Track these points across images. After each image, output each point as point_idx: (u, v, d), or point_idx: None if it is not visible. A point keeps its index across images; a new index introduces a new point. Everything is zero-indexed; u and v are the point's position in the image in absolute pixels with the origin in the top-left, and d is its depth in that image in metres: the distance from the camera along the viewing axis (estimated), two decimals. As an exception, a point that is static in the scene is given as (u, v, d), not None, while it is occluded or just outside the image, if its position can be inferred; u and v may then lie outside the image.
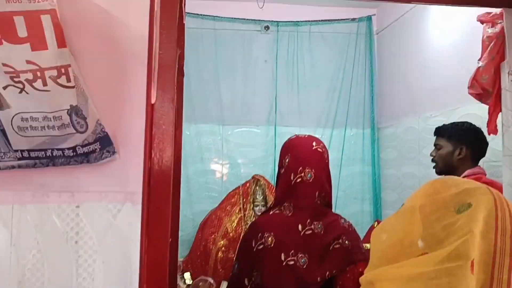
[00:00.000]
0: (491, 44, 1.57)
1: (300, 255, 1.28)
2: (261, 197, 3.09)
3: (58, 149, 1.01)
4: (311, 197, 1.35)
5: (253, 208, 3.05)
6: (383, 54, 3.77)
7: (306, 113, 3.71)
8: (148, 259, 0.57)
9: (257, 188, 3.10)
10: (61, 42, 0.96)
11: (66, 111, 0.99)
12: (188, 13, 3.48)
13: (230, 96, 3.65)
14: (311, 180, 1.36)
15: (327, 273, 1.26)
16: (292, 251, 1.28)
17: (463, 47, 2.62)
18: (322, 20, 3.77)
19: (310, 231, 1.31)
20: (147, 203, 0.60)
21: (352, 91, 3.73)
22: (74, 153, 1.02)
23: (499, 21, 1.58)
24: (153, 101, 0.60)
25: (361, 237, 3.00)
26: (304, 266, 1.27)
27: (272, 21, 3.73)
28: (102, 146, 1.04)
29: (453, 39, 2.74)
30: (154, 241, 0.57)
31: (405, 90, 3.32)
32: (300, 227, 1.32)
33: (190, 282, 2.76)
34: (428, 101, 2.97)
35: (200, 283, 2.69)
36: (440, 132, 2.14)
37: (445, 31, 2.83)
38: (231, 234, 2.97)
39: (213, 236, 2.98)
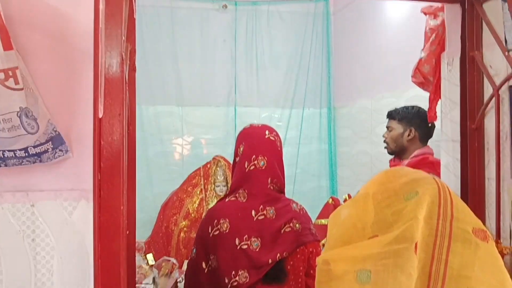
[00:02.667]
0: (433, 35, 1.67)
1: (253, 239, 1.36)
2: (222, 178, 3.15)
3: (9, 151, 1.02)
4: (263, 183, 1.43)
5: (214, 189, 3.11)
6: (339, 35, 3.84)
7: (265, 93, 3.77)
8: (101, 258, 0.62)
9: (217, 168, 3.16)
10: (7, 45, 0.95)
11: (16, 113, 0.99)
12: (144, -10, 3.40)
13: (189, 77, 3.63)
14: (263, 168, 1.43)
15: (278, 255, 1.35)
16: (246, 236, 1.36)
17: (415, 30, 2.73)
18: (280, -1, 3.79)
19: (263, 216, 1.39)
20: (98, 202, 0.64)
21: (310, 71, 3.81)
22: (26, 154, 1.03)
23: (440, 13, 1.67)
24: (100, 115, 0.63)
25: (317, 213, 3.15)
26: (257, 250, 1.35)
27: (230, -1, 3.71)
28: (54, 145, 1.06)
29: (406, 23, 2.84)
30: (106, 240, 0.61)
31: (360, 71, 3.43)
32: (253, 212, 1.40)
33: (153, 263, 2.82)
34: (381, 82, 3.09)
35: (163, 263, 2.76)
36: (392, 115, 2.29)
37: (399, 14, 2.93)
38: (192, 215, 3.03)
39: (174, 217, 3.03)
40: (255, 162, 1.43)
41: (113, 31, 0.63)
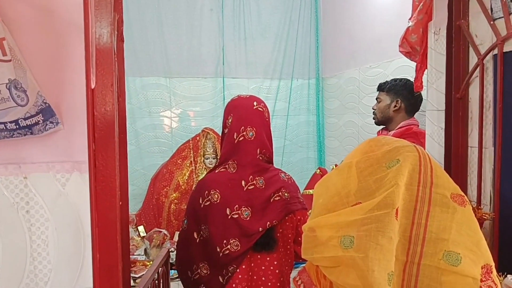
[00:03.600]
0: (420, 4, 1.67)
1: (243, 209, 1.40)
2: (211, 150, 3.17)
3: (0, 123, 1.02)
4: (252, 154, 1.45)
5: (203, 161, 3.13)
6: (327, 4, 3.80)
7: (253, 64, 3.74)
8: (98, 227, 0.64)
9: (206, 141, 3.17)
10: (-8, 15, 0.93)
11: (5, 85, 0.98)
12: (127, -42, 3.29)
13: (176, 47, 3.57)
14: (252, 138, 1.45)
15: (268, 223, 1.39)
16: (236, 206, 1.40)
17: (403, 1, 2.72)
18: (267, -34, 3.71)
19: (253, 186, 1.43)
20: (94, 172, 0.66)
21: (298, 42, 3.79)
22: (17, 126, 1.03)
23: (428, -18, 1.67)
24: (92, 86, 0.64)
25: (306, 183, 3.20)
26: (248, 218, 1.39)
27: (216, -33, 3.62)
28: (44, 117, 1.05)
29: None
30: (103, 208, 0.64)
31: (348, 41, 3.42)
32: (243, 183, 1.43)
33: (144, 235, 2.87)
34: (369, 52, 3.10)
35: (155, 235, 2.81)
36: (381, 87, 2.34)
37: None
38: (183, 187, 3.06)
39: (165, 189, 3.06)
40: (244, 133, 1.44)
41: (102, 0, 0.63)
